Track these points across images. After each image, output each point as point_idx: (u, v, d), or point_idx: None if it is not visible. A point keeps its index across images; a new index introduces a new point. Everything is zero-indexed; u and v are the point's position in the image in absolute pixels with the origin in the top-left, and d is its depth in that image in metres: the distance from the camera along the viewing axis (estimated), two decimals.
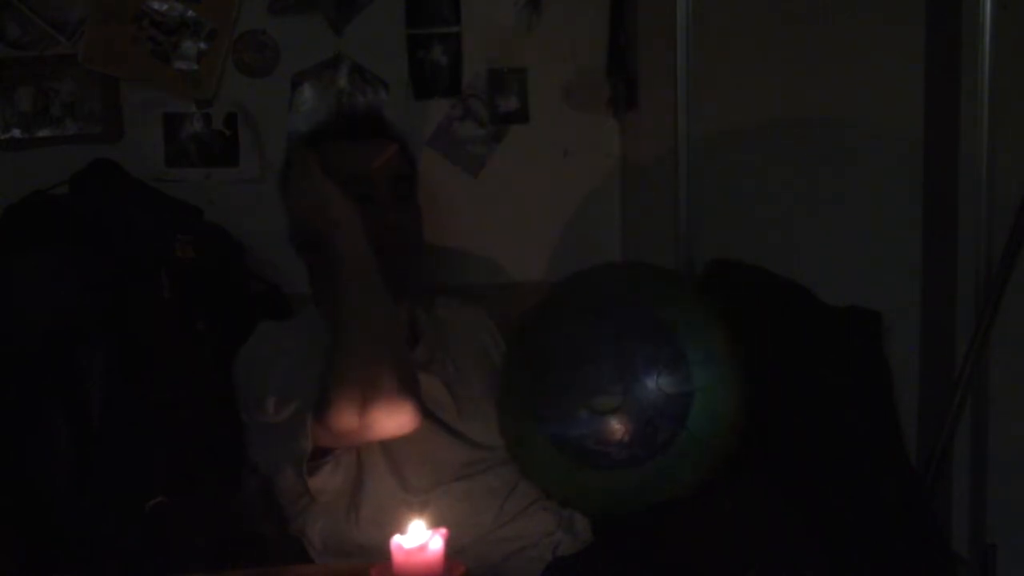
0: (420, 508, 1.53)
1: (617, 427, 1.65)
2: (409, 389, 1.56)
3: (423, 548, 1.22)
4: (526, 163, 2.35)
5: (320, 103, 2.28)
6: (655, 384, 1.65)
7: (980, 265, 2.08)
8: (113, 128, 2.24)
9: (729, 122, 2.18)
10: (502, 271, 2.37)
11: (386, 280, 1.63)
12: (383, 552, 1.26)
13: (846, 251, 2.16)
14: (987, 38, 2.04)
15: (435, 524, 1.27)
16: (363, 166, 1.77)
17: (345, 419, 1.53)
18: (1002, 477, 2.11)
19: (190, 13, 2.22)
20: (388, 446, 1.67)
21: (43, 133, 2.23)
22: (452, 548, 1.25)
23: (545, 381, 1.70)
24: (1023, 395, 2.10)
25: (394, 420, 1.55)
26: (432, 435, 1.71)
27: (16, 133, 2.22)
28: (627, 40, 2.27)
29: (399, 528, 1.26)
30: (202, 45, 2.23)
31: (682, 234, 2.17)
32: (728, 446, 1.69)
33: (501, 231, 2.36)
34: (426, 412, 1.72)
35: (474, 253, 2.34)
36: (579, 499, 1.73)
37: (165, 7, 2.21)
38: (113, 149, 2.21)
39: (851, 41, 2.14)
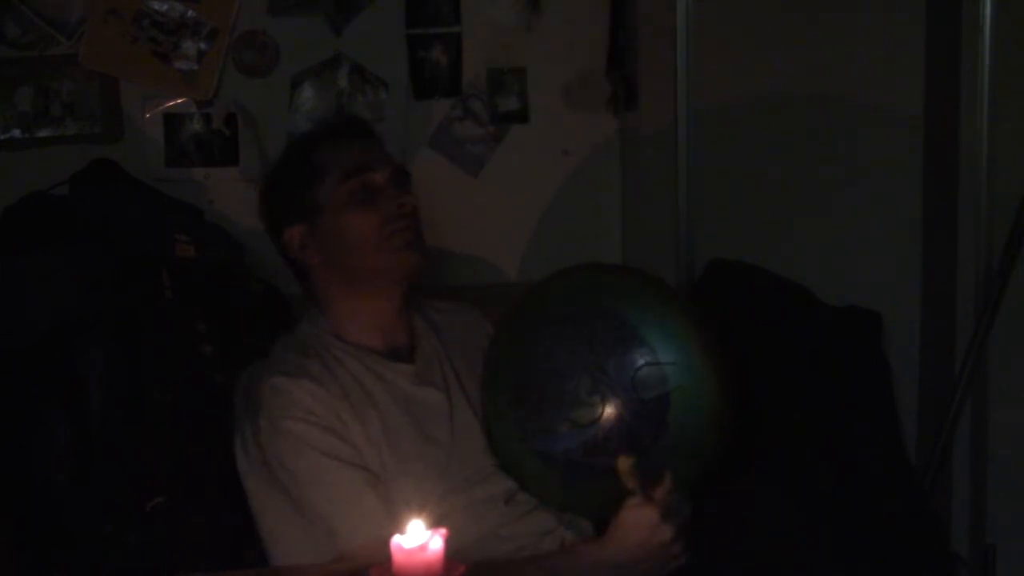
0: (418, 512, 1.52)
1: (600, 437, 1.66)
2: None
3: (423, 548, 1.21)
4: (526, 163, 2.35)
5: (320, 103, 2.28)
6: (631, 390, 1.65)
7: (980, 265, 2.08)
8: (113, 128, 2.24)
9: (729, 122, 2.18)
10: (502, 271, 2.37)
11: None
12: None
13: (846, 251, 2.16)
14: (987, 38, 2.04)
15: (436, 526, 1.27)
16: (363, 159, 1.76)
17: None
18: (1002, 477, 2.11)
19: (190, 13, 2.22)
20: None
21: (43, 133, 2.23)
22: (452, 548, 1.25)
23: (524, 399, 1.70)
24: (1023, 395, 2.09)
25: None
26: (431, 459, 1.71)
27: (16, 133, 2.22)
28: (627, 40, 2.27)
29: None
30: (202, 45, 2.23)
31: (682, 234, 2.17)
32: (715, 442, 1.68)
33: (501, 231, 2.36)
34: (426, 436, 1.72)
35: (474, 253, 2.34)
36: (576, 507, 1.74)
37: (165, 7, 2.21)
38: (113, 149, 2.21)
39: (851, 42, 2.15)
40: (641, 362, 1.65)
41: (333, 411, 1.65)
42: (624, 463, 1.58)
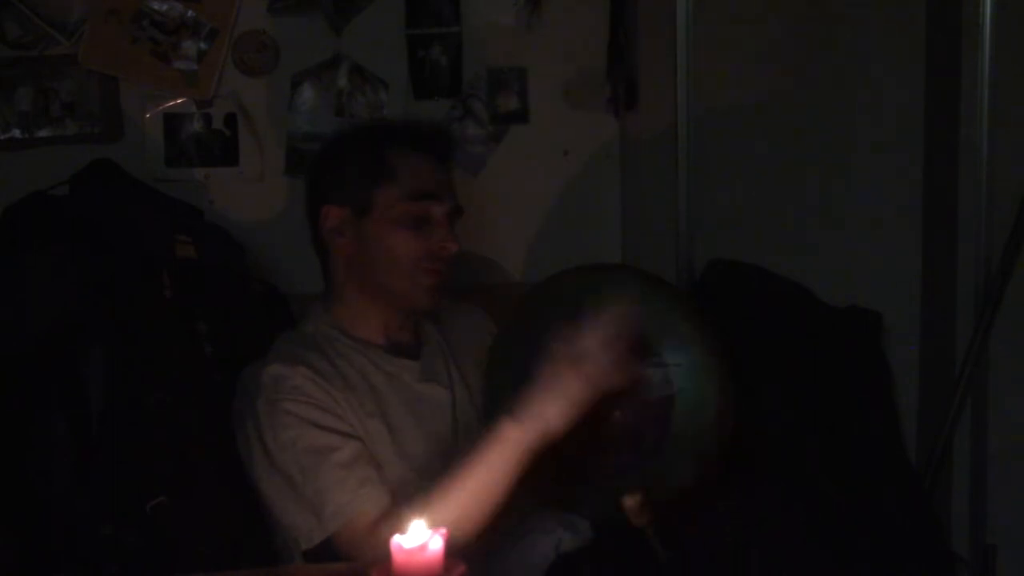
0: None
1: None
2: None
3: (423, 548, 1.21)
4: (526, 163, 2.35)
5: (320, 103, 2.28)
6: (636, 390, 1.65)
7: (980, 265, 2.08)
8: (113, 128, 2.24)
9: (729, 122, 2.18)
10: (502, 271, 2.37)
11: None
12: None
13: (846, 251, 2.16)
14: (987, 38, 2.04)
15: (436, 526, 1.27)
16: (434, 185, 1.75)
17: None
18: (1002, 477, 2.11)
19: (190, 13, 2.22)
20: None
21: (43, 133, 2.23)
22: (452, 548, 1.25)
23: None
24: (1023, 395, 2.09)
25: None
26: (433, 455, 1.71)
27: (16, 133, 2.22)
28: (627, 39, 2.27)
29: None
30: (202, 45, 2.23)
31: (682, 234, 2.17)
32: (719, 442, 1.68)
33: (501, 231, 2.36)
34: (429, 432, 1.72)
35: (474, 253, 2.33)
36: (577, 508, 1.74)
37: (165, 7, 2.21)
38: (113, 149, 2.21)
39: (851, 42, 2.14)
40: (646, 364, 1.65)
41: (331, 396, 1.66)
42: (631, 500, 1.55)
